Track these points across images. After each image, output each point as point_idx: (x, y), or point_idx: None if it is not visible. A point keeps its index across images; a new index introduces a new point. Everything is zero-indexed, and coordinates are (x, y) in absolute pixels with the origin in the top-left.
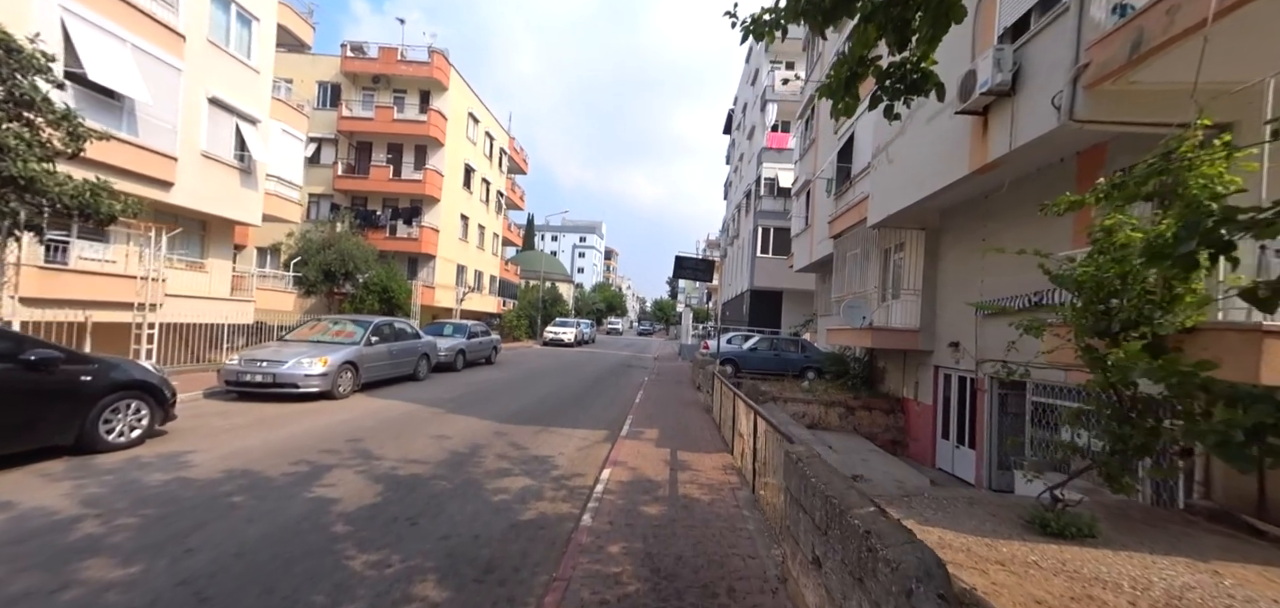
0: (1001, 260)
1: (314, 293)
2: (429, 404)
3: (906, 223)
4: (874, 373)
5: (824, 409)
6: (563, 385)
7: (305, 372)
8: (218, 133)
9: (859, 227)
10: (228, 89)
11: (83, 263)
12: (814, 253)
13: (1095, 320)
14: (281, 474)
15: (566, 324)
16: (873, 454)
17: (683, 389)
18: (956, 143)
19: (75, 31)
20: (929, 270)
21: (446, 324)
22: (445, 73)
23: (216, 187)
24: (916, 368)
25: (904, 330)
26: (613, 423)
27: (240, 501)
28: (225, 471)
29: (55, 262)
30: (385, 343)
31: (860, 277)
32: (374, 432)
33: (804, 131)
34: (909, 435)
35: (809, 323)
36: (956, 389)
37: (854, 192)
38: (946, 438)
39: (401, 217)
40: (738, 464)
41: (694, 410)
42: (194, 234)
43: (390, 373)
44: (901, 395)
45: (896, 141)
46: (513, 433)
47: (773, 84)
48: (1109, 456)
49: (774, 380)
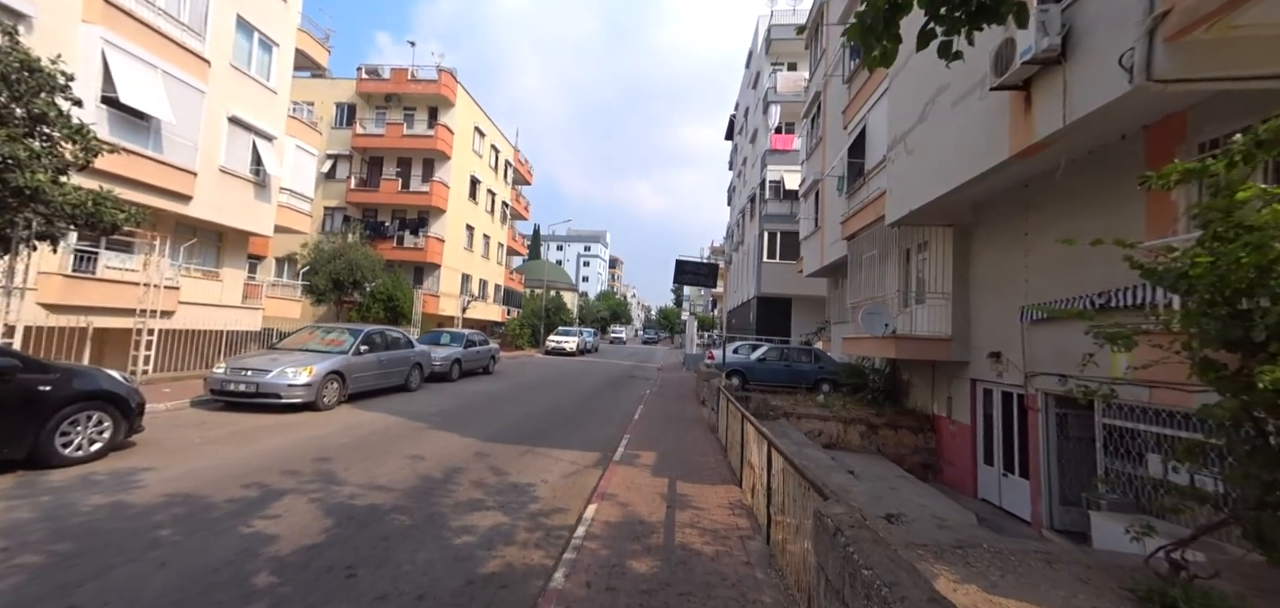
0: (1051, 257)
1: (324, 301)
2: (414, 418)
3: (931, 219)
4: (897, 386)
5: (843, 427)
6: (558, 399)
7: (289, 382)
8: (236, 149)
9: (876, 226)
10: (247, 108)
11: (109, 272)
12: (825, 256)
13: (1223, 327)
14: (226, 502)
15: (569, 333)
16: (902, 482)
17: (686, 404)
18: (991, 125)
19: (113, 60)
20: (959, 271)
21: (443, 332)
22: (452, 89)
23: (232, 200)
24: (948, 381)
25: (932, 339)
26: (607, 443)
27: (167, 534)
28: (169, 495)
29: (83, 271)
30: (375, 352)
31: (878, 280)
32: (346, 450)
33: (810, 130)
34: (942, 458)
35: (821, 331)
36: (1000, 406)
37: (868, 188)
38: (989, 463)
39: (408, 227)
40: (748, 502)
41: (697, 430)
42: (210, 244)
43: (380, 383)
44: (931, 412)
45: (916, 131)
46: (495, 454)
47: (775, 85)
48: (1258, 509)
49: (785, 394)
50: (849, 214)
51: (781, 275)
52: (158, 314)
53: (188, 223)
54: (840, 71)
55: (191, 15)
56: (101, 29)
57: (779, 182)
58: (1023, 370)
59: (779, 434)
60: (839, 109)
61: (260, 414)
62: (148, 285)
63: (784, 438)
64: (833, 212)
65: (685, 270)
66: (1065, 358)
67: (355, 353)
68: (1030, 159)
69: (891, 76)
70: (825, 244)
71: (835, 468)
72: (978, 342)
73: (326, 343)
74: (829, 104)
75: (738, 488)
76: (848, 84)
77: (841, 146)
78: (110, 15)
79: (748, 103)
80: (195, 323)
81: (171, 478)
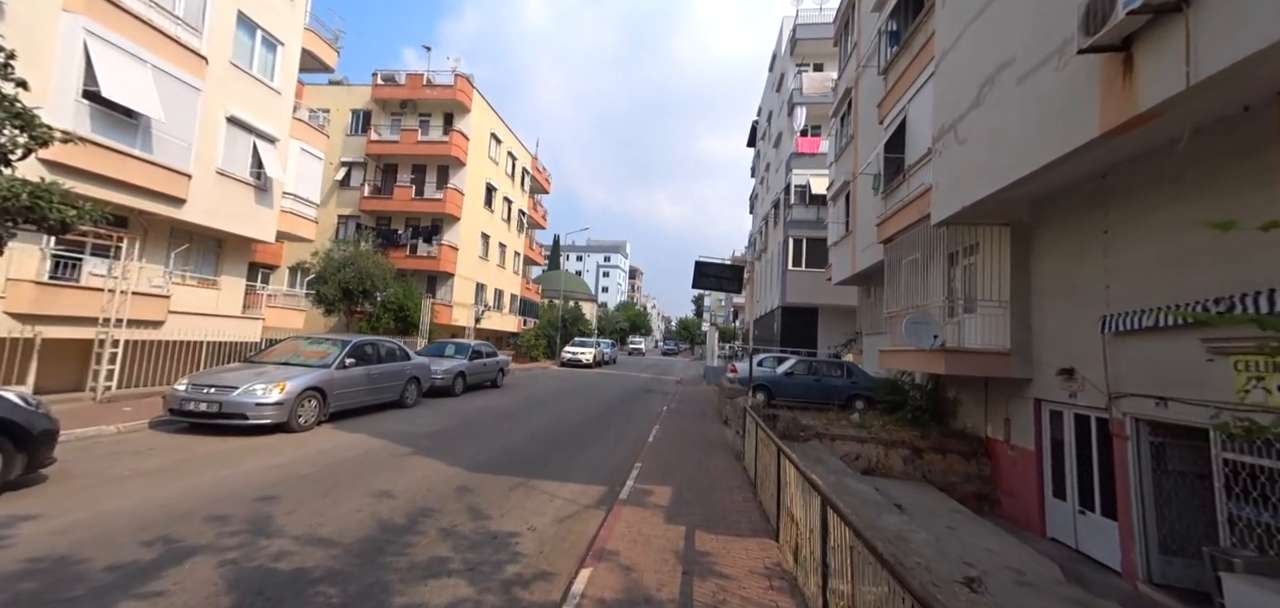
0: (1142, 257)
1: (334, 311)
2: (400, 441)
3: (983, 217)
4: (942, 404)
5: (883, 450)
6: (567, 416)
7: (257, 400)
8: (235, 151)
9: (918, 226)
10: (248, 109)
11: (95, 280)
12: (857, 263)
13: None
14: (106, 568)
15: (585, 344)
16: (960, 519)
17: (707, 424)
18: (1073, 99)
19: (96, 52)
20: (1018, 276)
21: (448, 344)
22: (468, 95)
23: (231, 204)
24: (1005, 400)
25: (987, 352)
26: (614, 473)
27: None
28: (36, 557)
29: (65, 278)
30: (364, 365)
31: (920, 287)
32: (302, 485)
33: (839, 130)
34: (999, 488)
35: (851, 343)
36: (1073, 431)
37: (909, 186)
38: (1060, 497)
39: (421, 235)
40: (789, 566)
41: (720, 456)
42: (208, 251)
43: (370, 399)
44: (983, 434)
45: (969, 117)
46: (481, 488)
47: (800, 86)
48: None
49: (816, 412)
50: (886, 215)
51: (808, 284)
52: (125, 323)
53: (184, 228)
54: (875, 62)
55: (187, 10)
56: (84, 19)
57: (805, 186)
58: (1105, 390)
59: (813, 461)
60: (873, 103)
61: (225, 437)
62: (113, 291)
63: (819, 464)
64: (866, 214)
65: (706, 273)
66: (1164, 377)
67: (339, 366)
68: (1124, 136)
69: (938, 59)
70: (857, 249)
71: (882, 503)
72: (1043, 356)
73: (309, 355)
74: (861, 99)
75: (774, 542)
76: (884, 75)
77: (877, 143)
78: (94, 5)
79: (771, 106)
80: (188, 333)
81: (55, 530)
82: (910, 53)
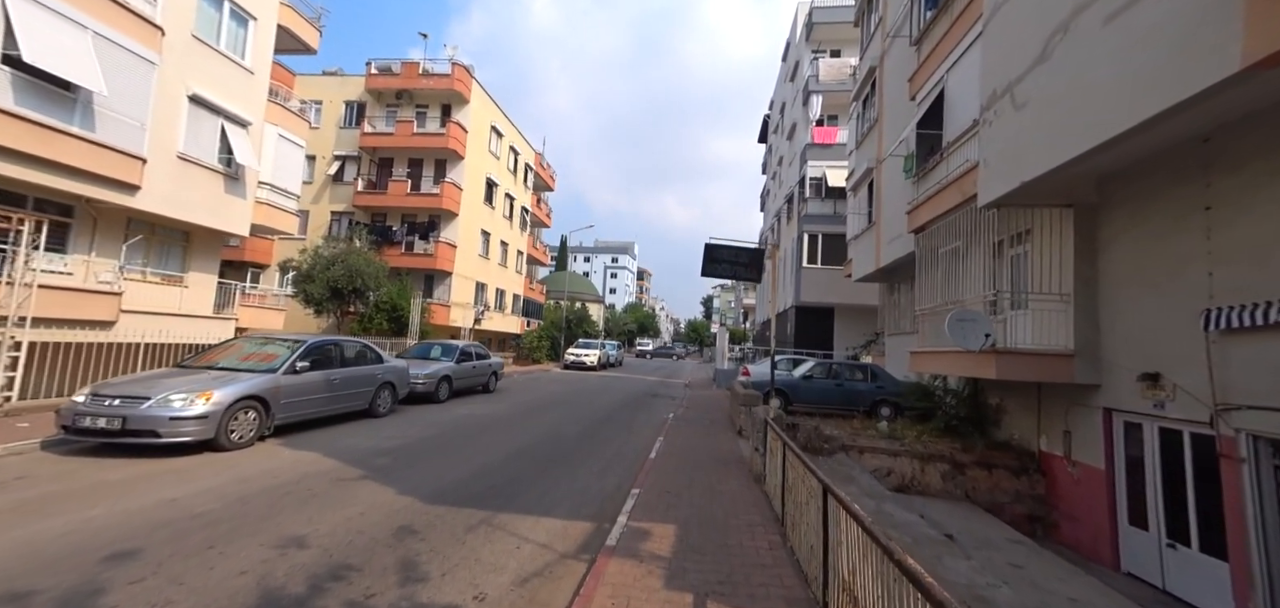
0: (1261, 235)
1: (324, 312)
2: (352, 460)
3: (1040, 198)
4: (982, 412)
5: (919, 465)
6: (560, 426)
7: (173, 413)
8: (199, 134)
9: (959, 211)
10: (214, 88)
11: (48, 277)
12: (881, 257)
13: None
14: None
15: (589, 346)
16: (1022, 551)
17: (717, 435)
18: (1195, 30)
19: (15, 11)
20: (1083, 265)
21: (434, 345)
22: (466, 85)
23: (196, 193)
24: (1063, 409)
25: (1046, 355)
26: (606, 503)
27: None
28: None
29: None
30: (323, 370)
31: (959, 280)
32: (186, 531)
33: (861, 114)
34: (1057, 510)
35: (871, 344)
36: (1157, 448)
37: (949, 165)
38: (1140, 526)
39: (417, 232)
40: None
41: (735, 478)
42: (173, 244)
43: (331, 409)
44: (1035, 448)
45: (1032, 76)
46: (431, 529)
47: (817, 73)
48: None
49: (838, 420)
50: (918, 201)
51: (824, 282)
52: (28, 322)
53: (143, 218)
54: (904, 35)
55: None
56: None
57: (821, 178)
58: (1209, 401)
59: (843, 479)
60: (902, 79)
61: (138, 460)
62: (11, 284)
63: (851, 484)
64: (892, 203)
65: (718, 258)
66: None
67: (289, 371)
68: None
69: (987, 15)
70: (882, 242)
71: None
72: (1115, 358)
73: (254, 357)
74: (887, 77)
75: None
76: (917, 46)
77: (908, 122)
78: None
79: (784, 98)
80: (147, 335)
81: None
82: (950, 15)
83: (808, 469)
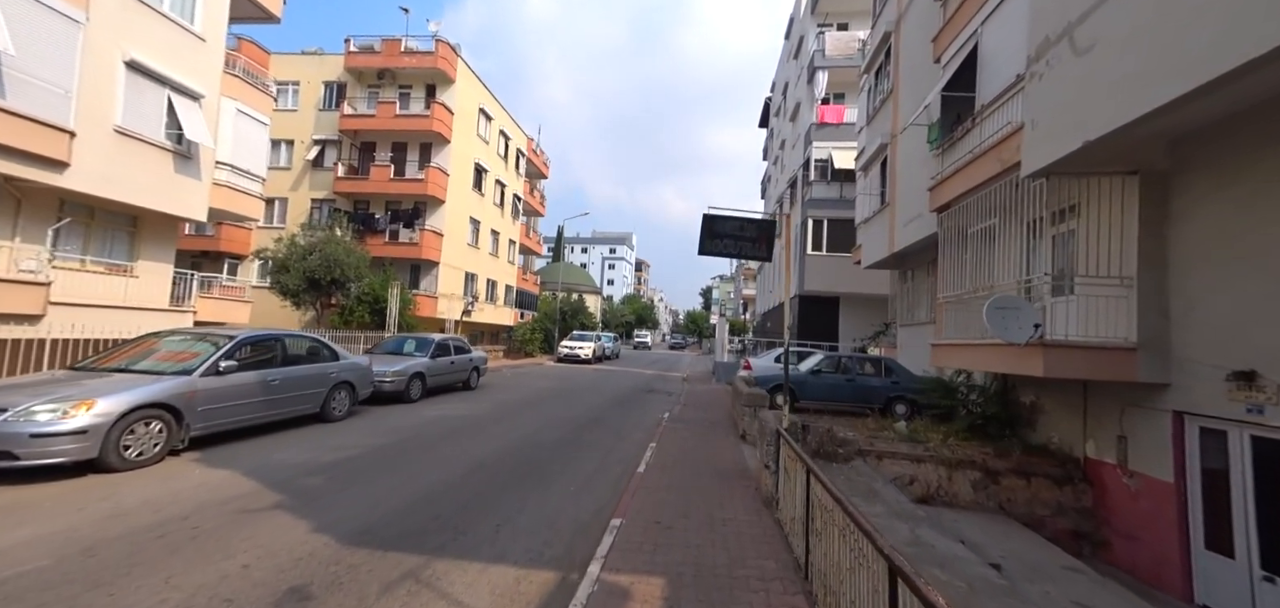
0: None
1: (302, 304)
2: (271, 482)
3: (1101, 163)
4: (1013, 412)
5: (946, 472)
6: (541, 430)
7: (38, 428)
8: (141, 106)
9: (996, 183)
10: (156, 54)
11: None
12: (896, 240)
13: None
14: None
15: (584, 338)
16: (1079, 582)
17: (717, 440)
18: None
19: None
20: (1150, 243)
21: (407, 339)
22: (452, 64)
23: (140, 172)
24: (1119, 410)
25: (1104, 348)
26: (577, 538)
27: None
28: None
29: None
30: (256, 369)
31: (992, 264)
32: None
33: (873, 87)
34: (1108, 526)
35: (880, 335)
36: (1250, 460)
37: (982, 131)
38: (1222, 552)
39: (402, 219)
40: None
41: (740, 499)
42: (118, 229)
43: (270, 414)
44: (1081, 454)
45: (1101, 11)
46: (335, 590)
47: (823, 47)
48: None
49: (850, 418)
50: (943, 175)
51: (829, 270)
52: None
53: (77, 200)
54: None
55: None
56: None
57: (826, 160)
58: None
59: (865, 492)
60: (924, 40)
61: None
62: None
63: (876, 500)
64: (909, 181)
65: (720, 232)
66: None
67: (210, 372)
68: None
69: None
70: (896, 224)
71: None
72: (1191, 352)
73: (173, 357)
74: (905, 42)
75: None
76: (943, 1)
77: (931, 87)
78: None
79: (787, 77)
80: (86, 329)
81: None
82: None
83: (861, 532)
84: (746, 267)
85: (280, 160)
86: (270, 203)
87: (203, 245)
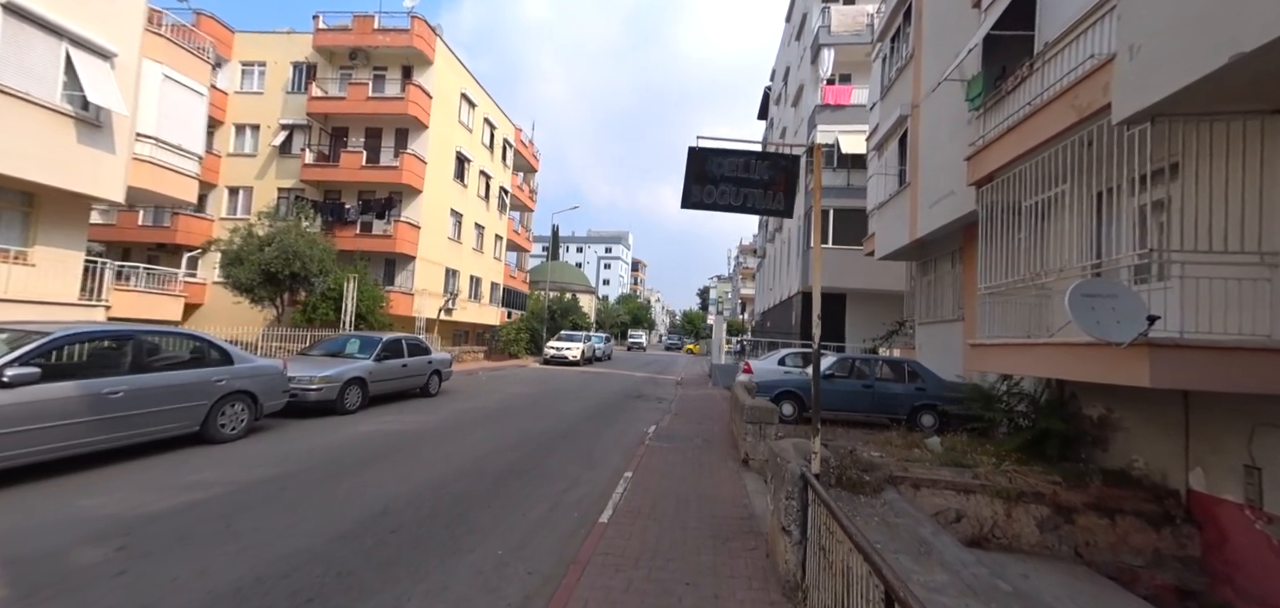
0: None
1: (260, 300)
2: (34, 554)
3: (1233, 99)
4: (1076, 427)
5: (1004, 507)
6: (490, 452)
7: None
8: (25, 58)
9: (1064, 139)
10: None
11: None
12: (919, 225)
13: None
14: None
15: (573, 339)
16: None
17: (713, 466)
18: None
19: None
20: None
21: (350, 338)
22: (429, 44)
23: (26, 139)
24: (1244, 430)
25: (1239, 349)
26: None
27: None
28: None
29: None
30: (77, 379)
31: (1050, 244)
32: None
33: (889, 54)
34: (1231, 586)
35: (894, 334)
36: None
37: (1043, 78)
38: None
39: (374, 210)
40: None
41: (744, 575)
42: (9, 210)
43: (104, 438)
44: (1181, 487)
45: None
46: None
47: (828, 23)
48: None
49: (868, 430)
50: (989, 138)
51: (835, 264)
52: None
53: None
54: None
55: None
56: None
57: (833, 145)
58: None
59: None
60: None
61: None
62: None
63: (932, 562)
64: (935, 156)
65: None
66: None
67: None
68: None
69: None
70: (919, 207)
71: None
72: None
73: None
74: None
75: None
76: None
77: (965, 40)
78: None
79: (789, 61)
80: None
81: None
82: None
83: None
84: (745, 266)
85: (245, 146)
86: (234, 192)
87: (158, 237)
